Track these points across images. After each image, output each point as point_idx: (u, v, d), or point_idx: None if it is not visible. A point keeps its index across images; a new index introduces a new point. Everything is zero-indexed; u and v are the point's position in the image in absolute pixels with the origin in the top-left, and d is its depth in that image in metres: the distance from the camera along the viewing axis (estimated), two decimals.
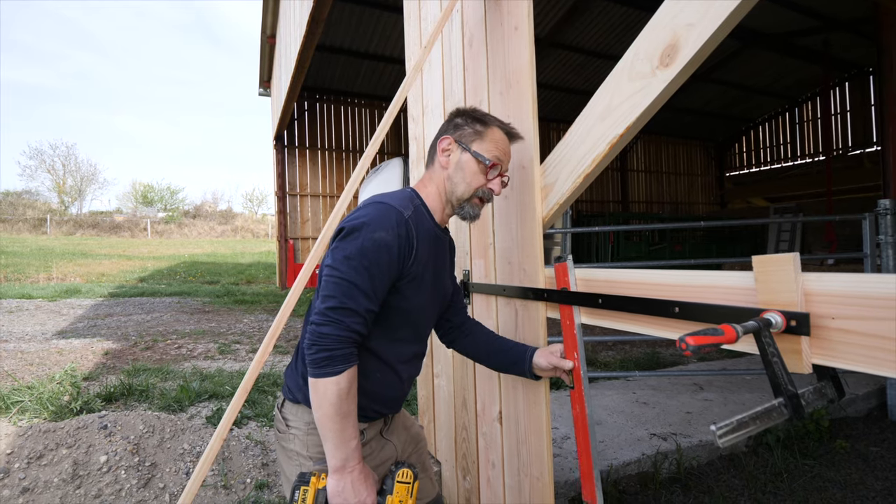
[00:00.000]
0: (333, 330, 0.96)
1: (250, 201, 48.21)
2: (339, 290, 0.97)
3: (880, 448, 2.72)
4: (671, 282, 1.01)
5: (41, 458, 2.21)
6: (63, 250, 17.89)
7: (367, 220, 1.00)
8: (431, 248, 1.13)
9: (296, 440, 1.12)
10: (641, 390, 3.53)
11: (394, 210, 1.03)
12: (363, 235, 0.99)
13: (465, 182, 1.16)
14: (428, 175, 1.22)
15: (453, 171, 1.17)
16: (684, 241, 12.06)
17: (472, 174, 1.16)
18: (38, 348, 4.64)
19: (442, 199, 1.19)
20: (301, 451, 1.11)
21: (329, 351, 0.95)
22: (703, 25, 0.90)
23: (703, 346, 0.73)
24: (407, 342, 1.16)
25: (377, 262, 0.99)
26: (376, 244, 0.98)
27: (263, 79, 11.21)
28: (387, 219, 1.01)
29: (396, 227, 1.02)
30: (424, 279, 1.11)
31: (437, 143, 1.20)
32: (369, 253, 0.98)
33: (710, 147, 16.77)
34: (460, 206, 1.18)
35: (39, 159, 39.21)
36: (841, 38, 10.40)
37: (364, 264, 0.97)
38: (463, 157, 1.17)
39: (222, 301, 8.42)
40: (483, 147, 1.17)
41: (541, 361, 1.26)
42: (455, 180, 1.16)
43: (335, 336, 0.96)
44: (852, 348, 0.72)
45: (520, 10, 1.42)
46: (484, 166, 1.16)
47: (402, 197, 1.11)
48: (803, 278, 0.77)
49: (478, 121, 1.19)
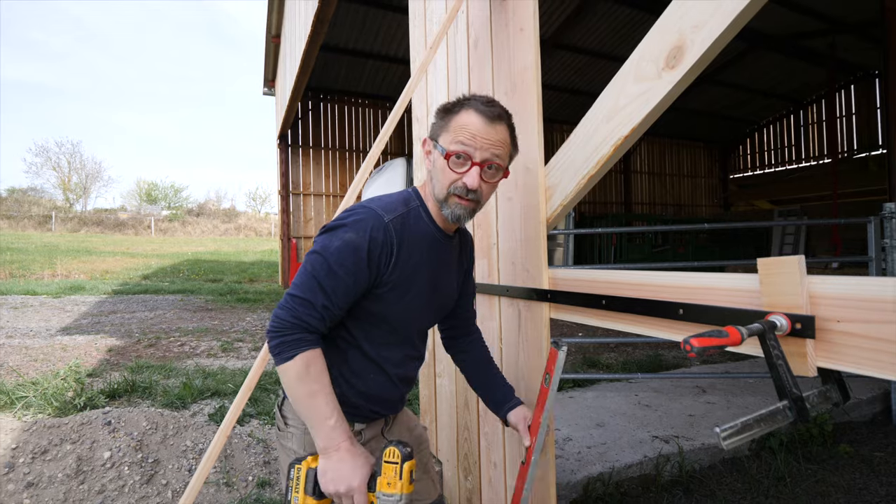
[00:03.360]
0: (286, 315, 0.97)
1: (253, 200, 48.42)
2: (303, 282, 0.98)
3: (884, 453, 2.71)
4: (675, 283, 1.01)
5: (45, 454, 2.22)
6: (67, 247, 17.98)
7: (346, 222, 1.00)
8: (426, 251, 1.08)
9: (293, 438, 1.12)
10: (643, 392, 3.52)
11: (374, 214, 1.01)
12: (337, 234, 0.99)
13: (439, 181, 1.06)
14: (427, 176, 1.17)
15: (434, 171, 1.09)
16: (687, 243, 12.02)
17: (443, 170, 1.05)
18: (42, 344, 4.66)
19: (434, 202, 1.11)
20: (298, 449, 1.11)
21: (281, 337, 0.96)
22: (709, 28, 0.90)
23: (708, 348, 0.73)
24: (393, 345, 1.13)
25: (342, 262, 0.97)
26: (345, 245, 0.98)
27: (268, 78, 11.24)
28: (363, 222, 1.00)
29: (371, 231, 0.99)
30: (411, 284, 1.07)
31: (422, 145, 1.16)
32: (336, 252, 0.97)
33: (714, 149, 16.71)
34: (444, 203, 1.07)
35: (45, 156, 39.52)
36: (847, 40, 10.35)
37: (329, 262, 0.97)
38: (436, 154, 1.08)
39: (225, 299, 8.45)
40: (447, 138, 1.05)
41: (511, 418, 1.29)
42: (434, 180, 1.08)
43: (287, 322, 0.96)
44: (857, 351, 0.72)
45: (525, 11, 1.43)
46: (449, 157, 1.04)
47: (396, 199, 1.08)
48: (808, 281, 0.77)
49: (447, 111, 1.08)
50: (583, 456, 2.49)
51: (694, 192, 16.38)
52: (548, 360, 1.23)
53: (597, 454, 2.51)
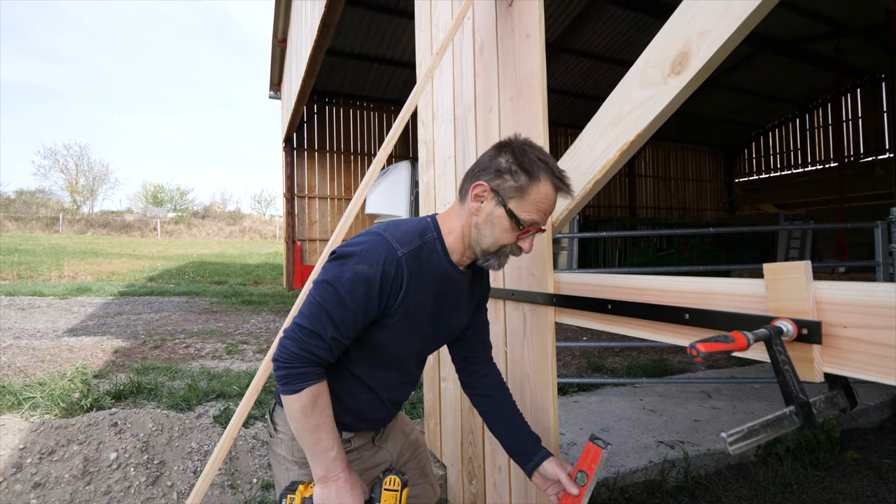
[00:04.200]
0: (294, 347, 0.96)
1: (259, 203, 48.67)
2: (311, 312, 0.97)
3: (893, 460, 2.68)
4: (681, 288, 1.01)
5: (52, 454, 2.24)
6: (74, 249, 18.12)
7: (357, 251, 0.98)
8: (435, 285, 1.06)
9: (282, 444, 1.13)
10: (649, 397, 3.50)
11: (387, 246, 0.98)
12: (348, 265, 0.97)
13: (493, 237, 1.03)
14: (456, 211, 1.09)
15: (482, 222, 1.03)
16: (693, 247, 11.96)
17: (503, 231, 1.02)
18: (49, 345, 4.70)
19: (464, 243, 1.07)
20: (287, 455, 1.12)
21: (288, 368, 0.95)
22: (714, 34, 0.90)
23: (714, 353, 0.73)
24: (390, 371, 1.12)
25: (353, 293, 0.95)
26: (357, 276, 0.95)
27: (274, 82, 11.32)
28: (376, 254, 0.97)
29: (383, 264, 0.97)
30: (416, 317, 1.05)
31: (472, 186, 1.04)
32: (348, 284, 0.95)
33: (719, 153, 16.65)
34: (484, 256, 1.06)
35: (53, 159, 39.90)
36: (853, 44, 10.30)
37: (340, 293, 0.95)
38: (496, 211, 1.01)
39: (230, 301, 8.48)
40: (522, 207, 1.00)
41: (548, 468, 1.15)
42: (483, 232, 1.03)
43: (295, 354, 0.95)
44: (864, 357, 0.72)
45: (531, 16, 1.44)
46: (516, 228, 1.02)
47: (412, 230, 1.05)
48: (815, 286, 0.77)
49: (524, 171, 1.00)
50: None
51: (699, 196, 16.32)
52: (584, 454, 1.10)
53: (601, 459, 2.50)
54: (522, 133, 1.49)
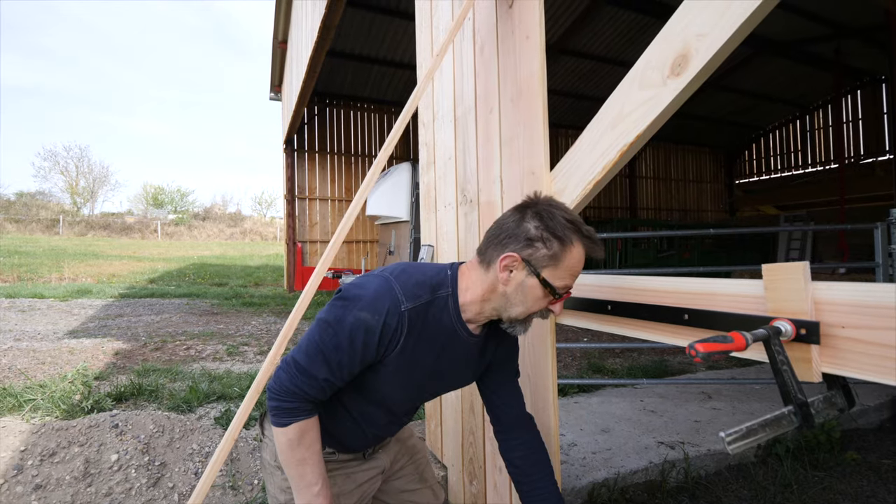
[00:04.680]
0: (287, 382, 0.96)
1: (259, 204, 48.69)
2: (309, 351, 0.96)
3: (892, 460, 2.68)
4: (681, 289, 1.02)
5: (53, 456, 2.24)
6: (75, 251, 18.14)
7: (363, 295, 0.96)
8: (441, 344, 1.02)
9: (267, 450, 1.15)
10: (649, 398, 3.51)
11: (393, 298, 0.96)
12: (352, 310, 0.95)
13: (525, 306, 0.99)
14: (479, 274, 1.01)
15: (512, 292, 0.98)
16: (693, 248, 11.97)
17: (535, 300, 0.98)
18: (49, 347, 4.70)
19: (486, 308, 1.02)
20: (271, 460, 1.14)
21: (278, 401, 0.97)
22: (714, 35, 0.91)
23: (713, 354, 0.73)
24: (378, 408, 1.10)
25: (352, 340, 0.94)
26: (357, 323, 0.94)
27: (274, 83, 11.34)
28: (380, 303, 0.95)
29: (386, 315, 0.94)
30: (411, 372, 1.03)
31: (501, 258, 0.97)
32: (348, 329, 0.94)
33: (719, 154, 16.67)
34: (510, 323, 1.03)
35: (53, 161, 39.95)
36: (853, 45, 10.31)
37: (339, 338, 0.94)
38: (528, 281, 0.96)
39: (230, 303, 8.49)
40: (556, 274, 0.96)
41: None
42: (513, 301, 0.99)
43: (286, 389, 0.96)
44: (862, 357, 0.72)
45: (531, 18, 1.44)
46: (551, 295, 0.98)
47: (425, 281, 1.00)
48: (813, 287, 0.78)
49: (557, 238, 0.94)
50: (588, 462, 2.48)
51: (699, 198, 16.33)
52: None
53: (602, 460, 2.50)
54: (523, 136, 1.50)
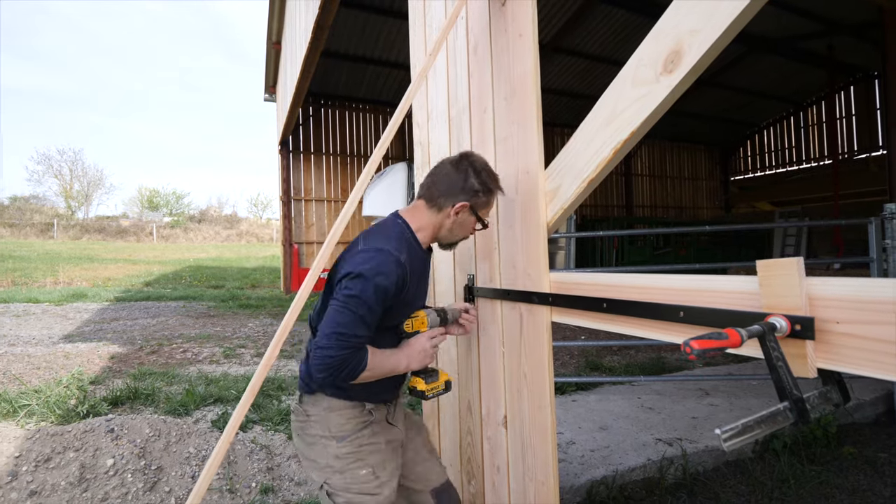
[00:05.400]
0: (337, 350, 1.18)
1: (255, 206, 48.44)
2: (348, 321, 1.19)
3: (888, 454, 2.70)
4: (676, 286, 1.02)
5: (49, 462, 2.22)
6: (70, 255, 18.03)
7: (374, 267, 1.22)
8: (419, 272, 1.38)
9: (316, 425, 1.32)
10: (647, 395, 3.51)
11: (393, 258, 1.25)
12: (371, 282, 1.21)
13: (462, 234, 1.44)
14: (426, 214, 1.40)
15: (456, 226, 1.40)
16: (689, 245, 12.00)
17: (468, 229, 1.44)
18: (44, 352, 4.67)
19: (433, 236, 1.43)
20: (324, 433, 1.32)
21: (336, 372, 1.18)
22: (706, 32, 0.91)
23: (708, 350, 0.73)
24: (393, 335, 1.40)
25: (378, 301, 1.22)
26: (378, 288, 1.21)
27: (269, 84, 11.31)
28: (387, 266, 1.24)
29: (396, 274, 1.24)
30: (412, 293, 1.36)
31: (454, 206, 1.36)
32: (373, 295, 1.21)
33: (714, 151, 16.72)
34: (448, 246, 1.48)
35: (47, 164, 39.49)
36: (846, 42, 10.36)
37: (369, 304, 1.21)
38: (469, 219, 1.40)
39: (227, 305, 8.46)
40: (485, 212, 1.42)
41: None
42: (455, 232, 1.42)
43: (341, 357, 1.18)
44: (857, 352, 0.72)
45: (524, 16, 1.44)
46: (477, 225, 1.43)
47: (398, 236, 1.34)
48: (807, 283, 0.78)
49: (489, 190, 1.38)
50: (586, 459, 2.49)
51: (695, 195, 16.37)
52: None
53: (600, 457, 2.50)
54: (517, 135, 1.50)
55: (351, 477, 1.29)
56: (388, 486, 1.32)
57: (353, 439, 1.31)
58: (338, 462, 1.30)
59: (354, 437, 1.31)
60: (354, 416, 1.33)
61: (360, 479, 1.29)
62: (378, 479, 1.30)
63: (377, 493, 1.29)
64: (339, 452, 1.30)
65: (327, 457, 1.31)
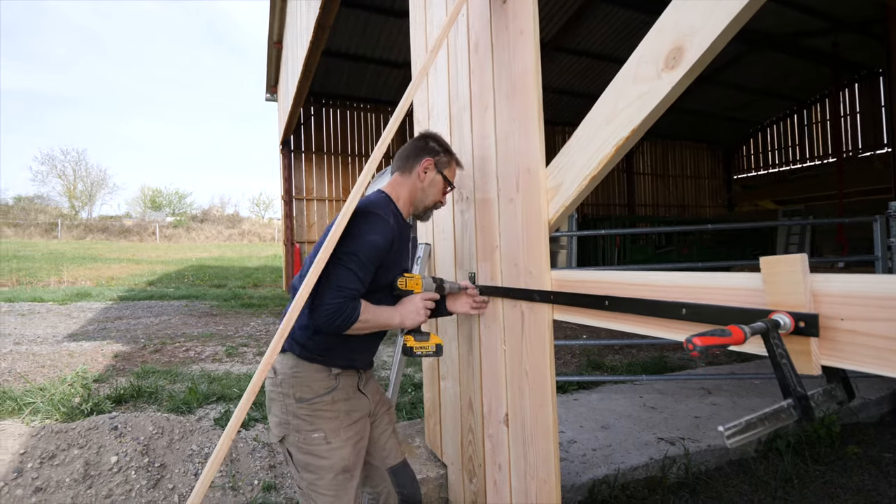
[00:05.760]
0: (333, 299, 1.28)
1: (257, 206, 48.53)
2: (343, 275, 1.30)
3: (893, 454, 2.68)
4: (678, 283, 1.01)
5: (53, 459, 2.23)
6: (73, 254, 18.10)
7: (365, 227, 1.35)
8: (401, 240, 1.49)
9: (283, 383, 1.38)
10: (649, 394, 3.50)
11: (382, 219, 1.38)
12: (365, 236, 1.33)
13: (433, 196, 1.57)
14: (401, 181, 1.55)
15: (427, 186, 1.55)
16: (692, 244, 11.96)
17: (438, 191, 1.58)
18: (49, 350, 4.69)
19: (410, 204, 1.56)
20: (286, 390, 1.37)
21: (338, 316, 1.28)
22: (708, 28, 0.90)
23: (711, 347, 0.73)
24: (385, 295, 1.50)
25: (371, 257, 1.34)
26: (371, 244, 1.33)
27: (270, 84, 11.31)
28: (378, 225, 1.37)
29: (386, 230, 1.38)
30: (395, 262, 1.47)
31: (420, 161, 1.54)
32: (366, 250, 1.32)
33: (717, 150, 16.65)
34: (424, 211, 1.60)
35: (51, 165, 39.67)
36: (850, 38, 10.30)
37: (362, 260, 1.32)
38: (436, 178, 1.56)
39: (229, 304, 8.47)
40: (449, 173, 1.59)
41: None
42: (427, 193, 1.56)
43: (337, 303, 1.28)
44: (861, 349, 0.72)
45: (525, 13, 1.43)
46: (446, 187, 1.58)
47: (382, 204, 1.45)
48: (811, 279, 0.77)
49: (447, 152, 1.59)
50: (588, 458, 2.48)
51: (698, 193, 16.31)
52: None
53: (602, 456, 2.50)
54: (518, 132, 1.50)
55: (304, 437, 1.35)
56: (338, 453, 1.36)
57: (312, 403, 1.36)
58: (295, 420, 1.36)
59: (314, 401, 1.36)
60: (318, 381, 1.38)
61: (312, 441, 1.35)
62: (329, 444, 1.35)
63: (327, 457, 1.35)
64: (297, 412, 1.36)
65: (287, 413, 1.37)
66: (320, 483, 1.35)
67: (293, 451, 1.37)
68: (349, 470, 1.38)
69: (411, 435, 2.66)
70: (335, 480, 1.35)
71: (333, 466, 1.35)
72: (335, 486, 1.35)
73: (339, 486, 1.36)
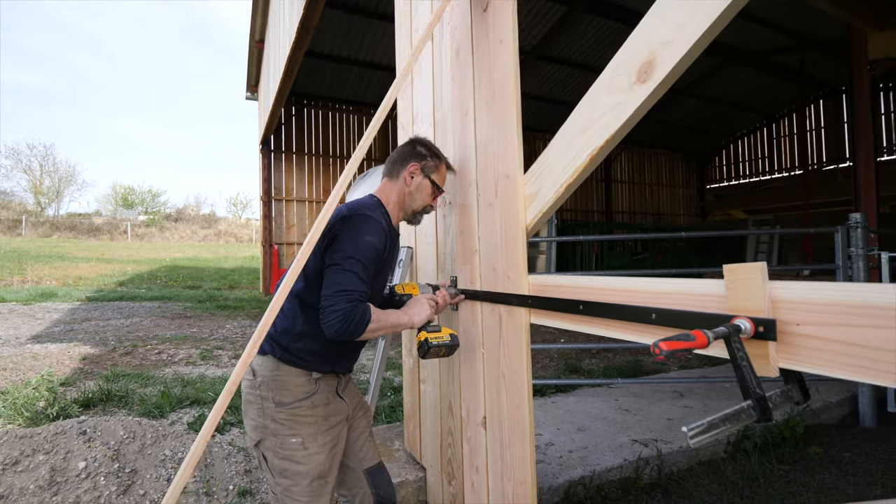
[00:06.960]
0: (349, 306, 1.26)
1: (234, 206, 47.61)
2: (346, 279, 1.29)
3: (852, 453, 2.81)
4: (649, 289, 1.05)
5: (17, 465, 2.15)
6: (38, 252, 17.42)
7: (365, 228, 1.36)
8: (392, 244, 1.50)
9: (262, 386, 1.37)
10: (624, 397, 3.58)
11: (376, 221, 1.40)
12: (363, 237, 1.34)
13: (421, 200, 1.58)
14: (390, 186, 1.56)
15: (414, 191, 1.56)
16: (666, 251, 12.27)
17: (427, 195, 1.58)
18: (11, 353, 4.51)
19: (400, 208, 1.57)
20: (264, 394, 1.36)
21: (349, 321, 1.26)
22: (678, 44, 0.94)
23: (676, 351, 0.76)
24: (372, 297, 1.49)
25: (370, 258, 1.34)
26: (368, 246, 1.34)
27: (251, 83, 11.16)
28: (373, 227, 1.38)
29: (383, 234, 1.40)
30: (387, 265, 1.49)
31: (406, 165, 1.55)
32: (364, 252, 1.33)
33: (691, 160, 17.14)
34: (413, 215, 1.60)
35: (16, 159, 38.03)
36: (817, 57, 10.76)
37: (364, 262, 1.32)
38: (423, 182, 1.56)
39: (204, 306, 8.29)
40: (438, 178, 1.59)
41: None
42: (415, 197, 1.57)
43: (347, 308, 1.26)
44: (815, 353, 0.76)
45: (505, 22, 1.47)
46: (435, 191, 1.59)
47: (373, 206, 1.47)
48: (770, 286, 0.81)
49: (436, 156, 1.59)
50: (564, 460, 2.52)
51: (673, 202, 16.74)
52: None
53: (578, 458, 2.54)
54: (496, 138, 1.53)
55: (281, 442, 1.34)
56: (315, 459, 1.36)
57: (291, 407, 1.35)
58: (273, 425, 1.35)
59: (293, 406, 1.36)
60: (299, 385, 1.37)
61: (290, 446, 1.34)
62: (306, 449, 1.35)
63: (303, 462, 1.34)
64: (275, 416, 1.35)
65: (264, 417, 1.36)
66: (295, 489, 1.34)
67: (269, 455, 1.36)
68: (325, 476, 1.38)
69: (390, 438, 2.66)
70: (311, 486, 1.35)
71: (310, 472, 1.35)
72: (310, 491, 1.35)
73: (314, 492, 1.35)
